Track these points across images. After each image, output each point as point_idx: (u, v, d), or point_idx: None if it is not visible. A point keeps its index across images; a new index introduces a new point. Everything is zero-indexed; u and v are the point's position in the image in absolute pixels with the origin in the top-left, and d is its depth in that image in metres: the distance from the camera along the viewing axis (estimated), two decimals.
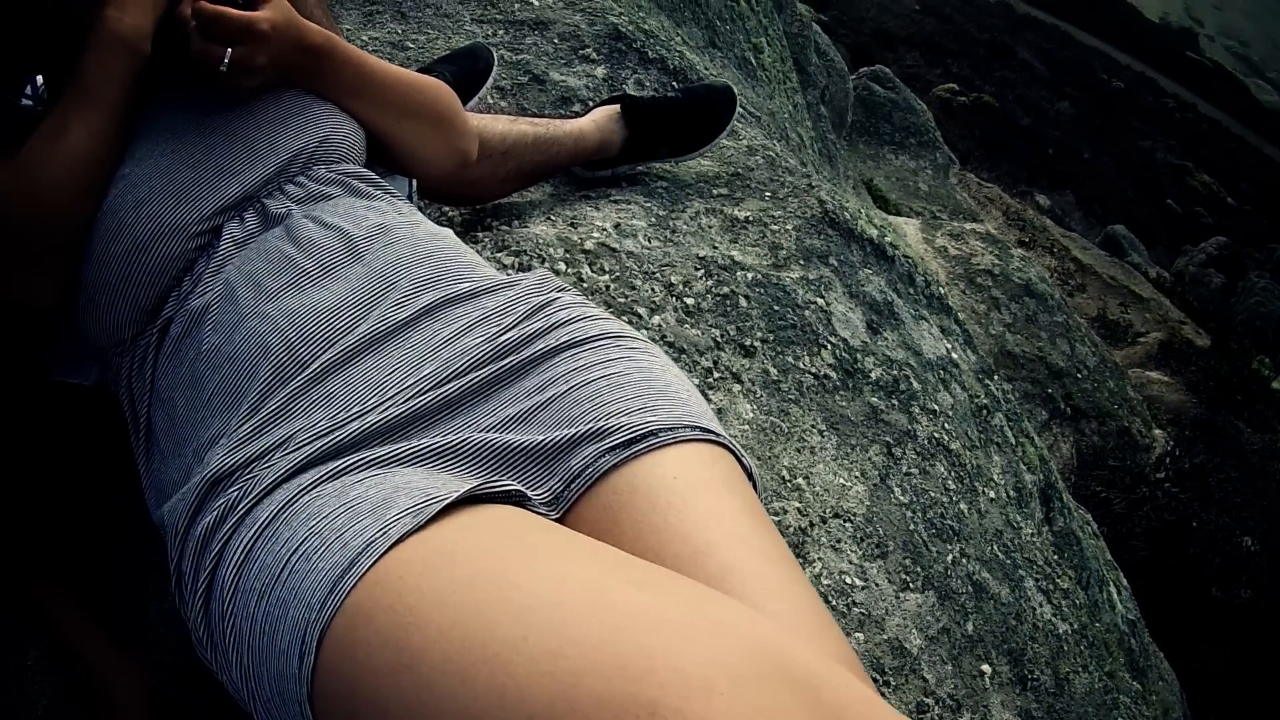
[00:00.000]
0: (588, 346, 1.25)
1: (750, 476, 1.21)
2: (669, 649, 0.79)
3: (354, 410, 1.18)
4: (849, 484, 2.00)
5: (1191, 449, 8.01)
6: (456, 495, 0.97)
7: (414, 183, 1.89)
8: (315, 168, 1.56)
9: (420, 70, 2.52)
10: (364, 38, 2.85)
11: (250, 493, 1.11)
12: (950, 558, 2.13)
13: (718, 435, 1.16)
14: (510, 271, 1.90)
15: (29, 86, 2.16)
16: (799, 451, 1.98)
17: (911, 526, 2.06)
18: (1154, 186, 31.57)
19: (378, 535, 0.95)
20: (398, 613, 0.89)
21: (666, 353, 1.53)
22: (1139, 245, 16.19)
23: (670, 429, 1.13)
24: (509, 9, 3.11)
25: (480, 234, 2.12)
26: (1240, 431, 9.31)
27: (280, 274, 1.37)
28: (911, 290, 2.68)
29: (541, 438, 1.13)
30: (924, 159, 7.64)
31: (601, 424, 1.13)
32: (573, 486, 1.11)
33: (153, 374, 1.42)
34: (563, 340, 1.25)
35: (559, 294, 1.37)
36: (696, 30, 4.15)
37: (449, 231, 1.51)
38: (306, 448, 1.14)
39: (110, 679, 1.61)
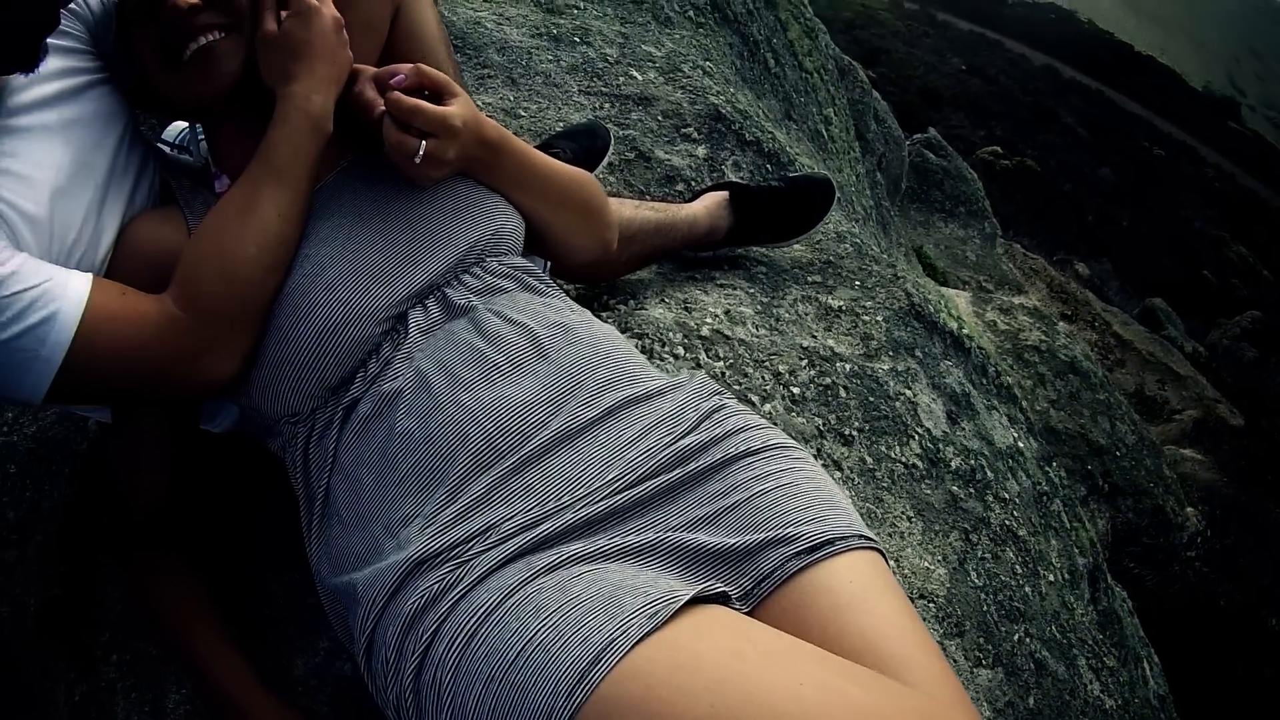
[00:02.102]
0: (761, 456, 1.40)
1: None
2: None
3: (551, 505, 1.31)
4: (933, 567, 2.15)
5: (1223, 528, 8.07)
6: (684, 599, 1.13)
7: (547, 263, 1.98)
8: (488, 260, 1.67)
9: (542, 144, 2.67)
10: (478, 102, 3.02)
11: (462, 579, 1.24)
12: (1016, 637, 2.27)
13: (874, 542, 1.33)
14: (669, 369, 2.06)
15: (180, 135, 2.26)
16: (890, 536, 2.13)
17: (984, 608, 2.20)
18: (1191, 257, 31.57)
19: (618, 634, 1.08)
20: (650, 705, 1.04)
21: None
22: (1175, 319, 16.28)
23: (843, 538, 1.29)
24: (614, 82, 3.26)
25: (602, 314, 2.28)
26: (1270, 512, 9.35)
27: (473, 365, 1.48)
28: (984, 381, 2.84)
29: (732, 541, 1.29)
30: (972, 228, 7.74)
31: (784, 531, 1.29)
32: (763, 585, 1.26)
33: (336, 448, 1.52)
34: (740, 449, 1.40)
35: (721, 399, 1.52)
36: (775, 103, 4.31)
37: (615, 330, 1.66)
38: (514, 539, 1.27)
39: None
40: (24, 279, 1.39)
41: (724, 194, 2.54)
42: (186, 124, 2.17)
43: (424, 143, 1.56)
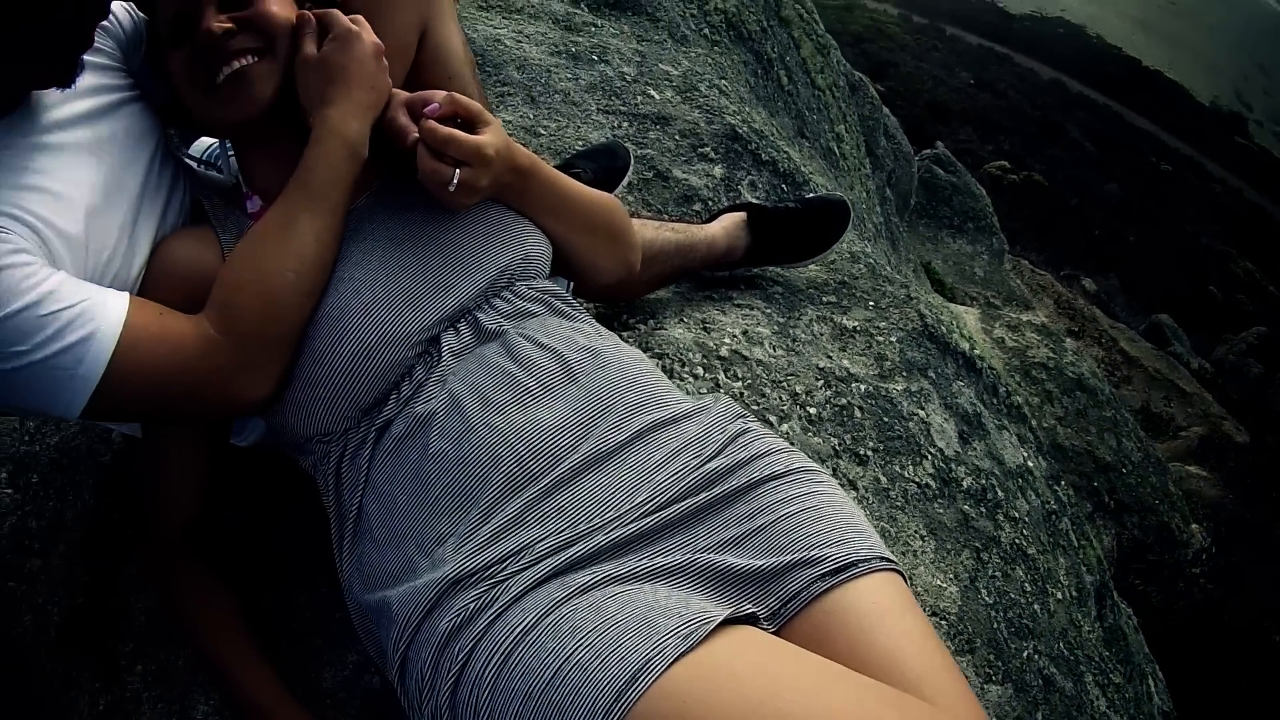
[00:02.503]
0: (786, 480, 1.45)
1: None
2: None
3: (583, 527, 1.36)
4: (945, 585, 2.19)
5: (1228, 545, 8.09)
6: (718, 620, 1.17)
7: (570, 284, 2.01)
8: (518, 284, 1.71)
9: (562, 164, 2.70)
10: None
11: (498, 598, 1.28)
12: (1025, 654, 2.31)
13: (895, 563, 1.38)
14: (689, 389, 2.11)
15: (208, 151, 2.24)
16: (904, 555, 2.17)
17: (995, 625, 2.24)
18: (1197, 272, 31.58)
19: (654, 653, 1.13)
20: None
21: None
22: (1182, 335, 16.30)
23: (866, 560, 1.34)
24: (633, 101, 3.31)
25: (623, 333, 2.32)
26: (1275, 529, 9.37)
27: (505, 389, 1.52)
28: (995, 400, 2.88)
29: (760, 563, 1.33)
30: (980, 244, 7.77)
31: (810, 553, 1.33)
32: (789, 606, 1.31)
33: (369, 467, 1.55)
34: (765, 473, 1.45)
35: (746, 423, 1.57)
36: (788, 120, 4.36)
37: (641, 354, 1.70)
38: (548, 560, 1.32)
39: None
40: (62, 298, 1.41)
41: (741, 215, 2.58)
42: (213, 140, 2.18)
43: (458, 171, 1.58)
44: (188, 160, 2.06)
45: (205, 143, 2.23)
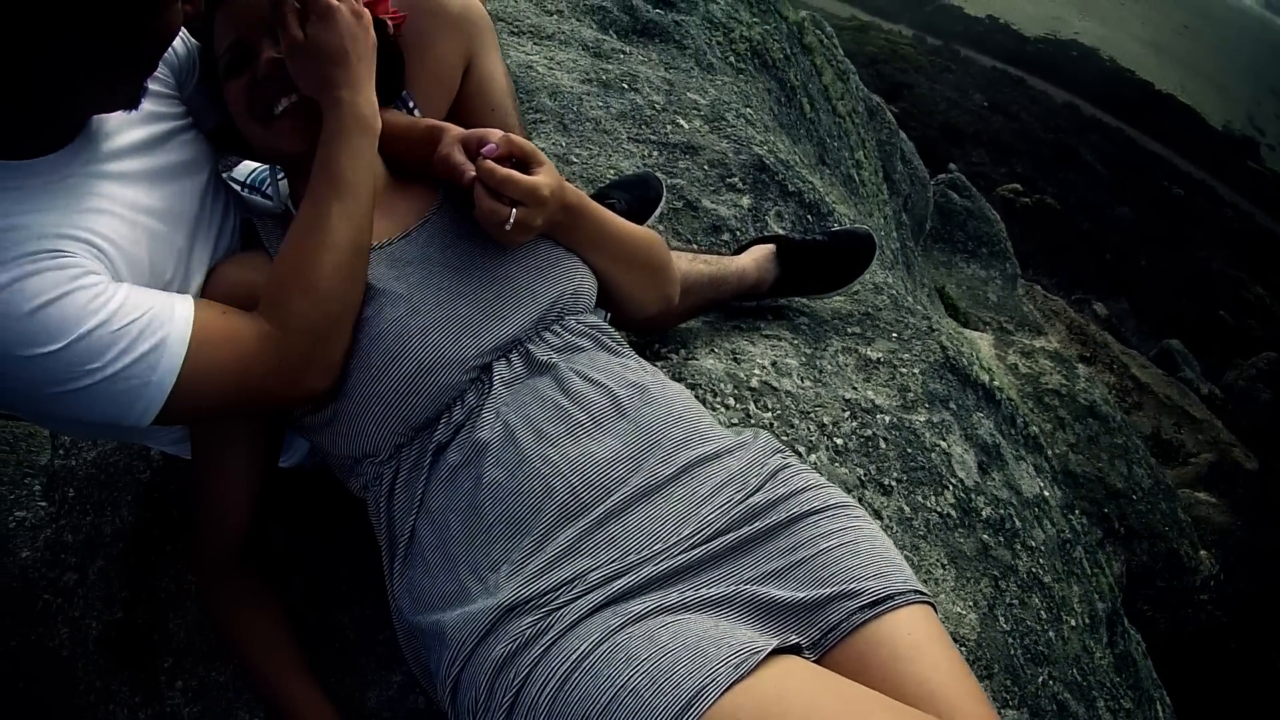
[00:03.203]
0: (824, 515, 1.51)
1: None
2: None
3: (633, 558, 1.42)
4: (964, 613, 2.25)
5: (1235, 572, 8.12)
6: (767, 650, 1.24)
7: (607, 314, 2.04)
8: (567, 318, 1.75)
9: (597, 194, 2.75)
10: None
11: (553, 625, 1.34)
12: (1040, 679, 2.37)
13: (927, 596, 1.45)
14: (721, 418, 2.17)
15: (252, 175, 2.25)
16: (926, 583, 2.23)
17: (1012, 652, 2.30)
18: (1208, 297, 31.56)
19: (707, 681, 1.19)
20: None
21: None
22: (1192, 360, 16.30)
23: (902, 593, 1.41)
24: (662, 131, 3.37)
25: (656, 363, 2.37)
26: None
27: (558, 422, 1.57)
28: (1012, 431, 2.94)
29: (802, 595, 1.40)
30: (994, 269, 7.80)
31: (849, 586, 1.40)
32: (829, 636, 1.37)
33: (423, 492, 1.59)
34: (805, 508, 1.51)
35: (784, 459, 1.63)
36: (810, 147, 4.41)
37: (684, 389, 1.76)
38: (600, 589, 1.38)
39: None
40: (131, 310, 1.43)
41: (771, 247, 2.64)
42: (256, 164, 2.21)
43: (514, 211, 1.61)
44: (231, 183, 2.08)
45: (249, 167, 2.25)
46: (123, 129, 1.60)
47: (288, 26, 1.63)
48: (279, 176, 1.93)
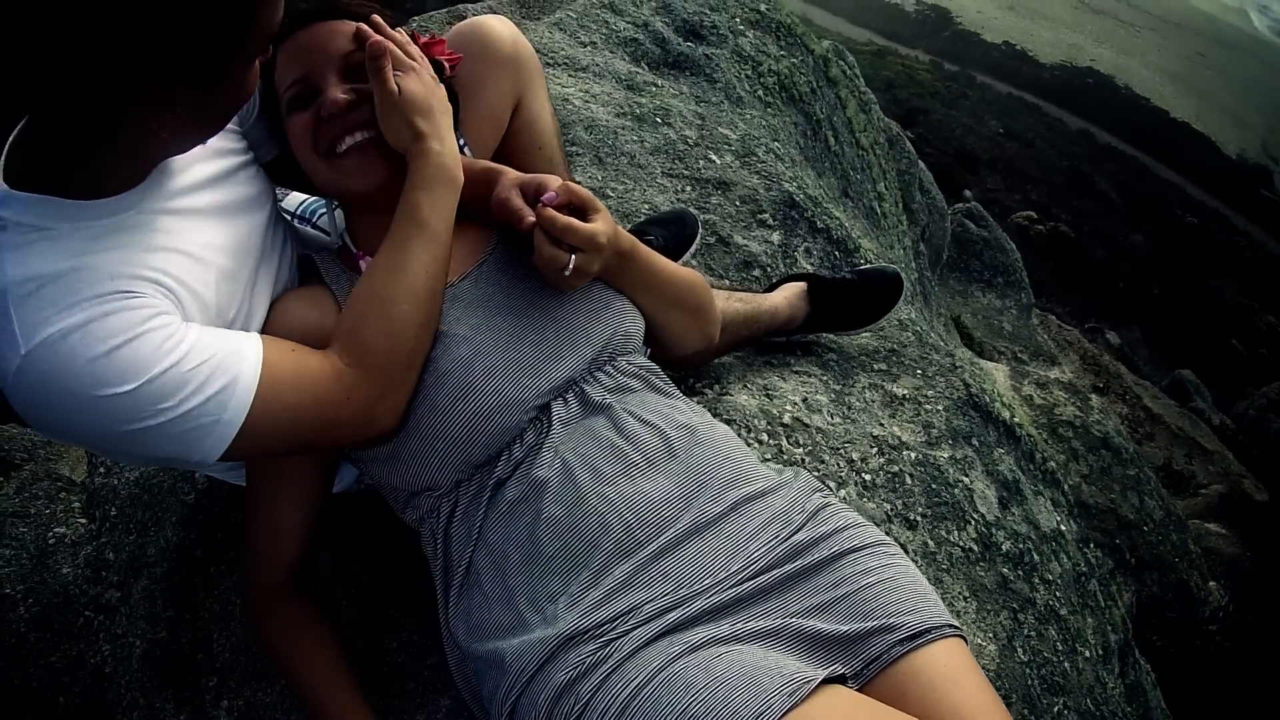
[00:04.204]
0: (864, 553, 1.60)
1: None
2: None
3: (684, 592, 1.50)
4: (984, 644, 2.33)
5: (1244, 603, 8.15)
6: (818, 680, 1.33)
7: (648, 351, 2.08)
8: (619, 359, 1.82)
9: (635, 229, 2.82)
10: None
11: (611, 655, 1.42)
12: (1056, 709, 2.45)
13: (960, 629, 1.54)
14: (755, 452, 2.24)
15: (305, 207, 2.26)
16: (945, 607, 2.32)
17: (1029, 682, 2.38)
18: (1219, 326, 31.52)
19: (764, 709, 1.27)
20: None
21: None
22: (1204, 390, 16.34)
23: (937, 627, 1.50)
24: (695, 166, 3.44)
25: (693, 398, 2.44)
26: None
27: (613, 461, 1.65)
28: (1031, 466, 3.02)
29: (845, 628, 1.49)
30: (1009, 298, 7.85)
31: (888, 620, 1.50)
32: (870, 667, 1.46)
33: (482, 526, 1.65)
34: (845, 546, 1.60)
35: (824, 498, 1.72)
36: (834, 180, 4.49)
37: (728, 429, 1.84)
38: (655, 621, 1.46)
39: None
40: (201, 351, 1.46)
41: (801, 285, 2.72)
42: (306, 195, 2.24)
43: (573, 257, 1.68)
44: (285, 216, 2.10)
45: (299, 197, 2.28)
46: (190, 165, 1.64)
47: (384, 80, 1.69)
48: (334, 208, 1.97)
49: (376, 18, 1.79)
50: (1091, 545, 3.21)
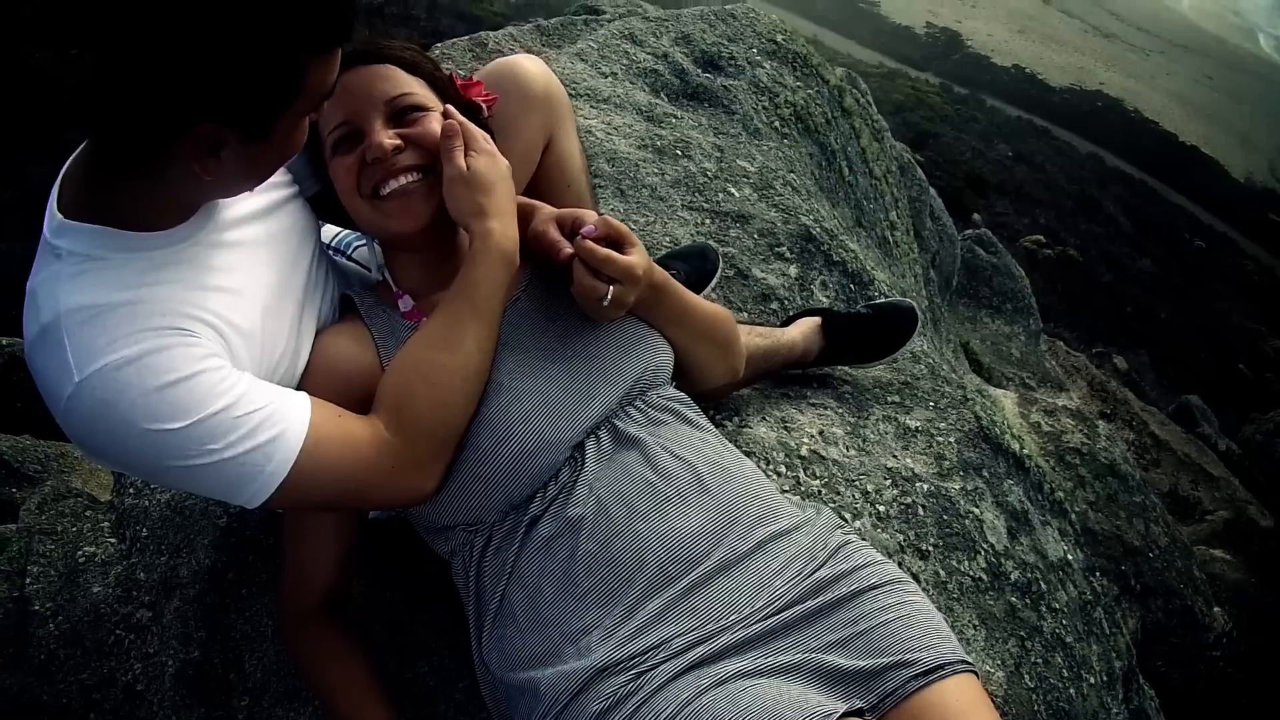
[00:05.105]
0: (882, 590, 1.69)
1: None
2: None
3: (712, 626, 1.58)
4: (993, 670, 2.41)
5: (1248, 629, 8.17)
6: (838, 714, 1.41)
7: (674, 383, 2.08)
8: (650, 392, 1.89)
9: (658, 262, 2.91)
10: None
11: (643, 687, 1.51)
12: None
13: (973, 665, 1.63)
14: (773, 481, 2.32)
15: (340, 240, 2.29)
16: (958, 642, 2.40)
17: (1036, 708, 2.46)
18: (1227, 350, 31.44)
19: None
20: None
21: None
22: (1211, 415, 16.32)
23: (951, 663, 1.59)
24: (714, 199, 3.52)
25: None
26: None
27: (647, 497, 1.72)
28: (1039, 497, 3.10)
29: (863, 663, 1.57)
30: (1018, 324, 7.88)
31: (904, 656, 1.58)
32: (887, 701, 1.55)
33: (515, 560, 1.72)
34: (865, 584, 1.69)
35: (845, 535, 1.80)
36: (848, 210, 4.55)
37: (754, 466, 1.91)
38: (684, 654, 1.54)
39: None
40: (253, 400, 1.51)
41: (817, 320, 2.80)
42: (342, 228, 2.26)
43: (611, 288, 1.75)
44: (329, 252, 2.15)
45: (333, 230, 2.30)
46: (238, 199, 1.68)
47: (454, 160, 1.75)
48: (374, 242, 2.02)
49: (450, 107, 1.84)
50: (1097, 573, 3.28)
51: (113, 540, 2.91)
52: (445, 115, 1.82)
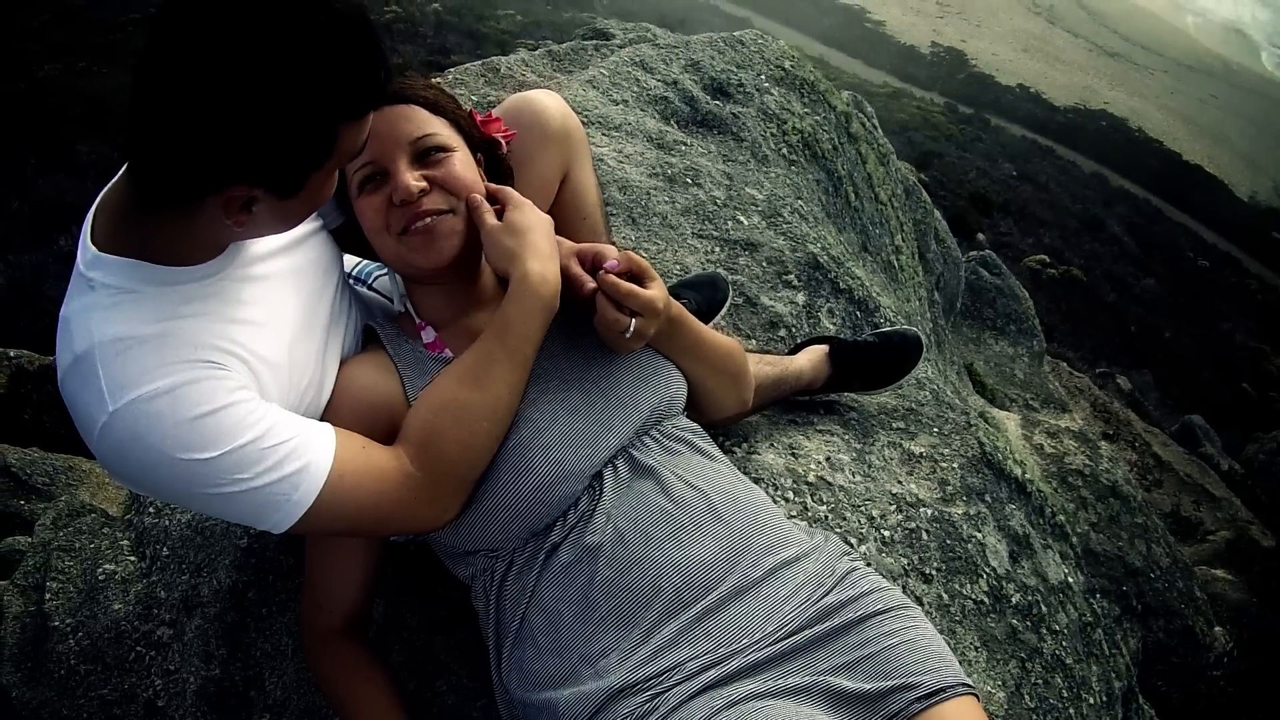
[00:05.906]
0: (888, 616, 1.75)
1: None
2: None
3: (724, 651, 1.65)
4: (994, 691, 2.47)
5: (1249, 648, 8.21)
6: None
7: (685, 411, 2.11)
8: (665, 422, 1.95)
9: (669, 290, 2.98)
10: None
11: (659, 707, 1.58)
12: None
13: (973, 688, 1.69)
14: (781, 507, 2.38)
15: (360, 269, 2.31)
16: (960, 664, 2.44)
17: None
18: (1230, 369, 31.40)
19: None
20: None
21: None
22: (1213, 435, 16.34)
23: (952, 686, 1.65)
24: (723, 227, 3.57)
25: None
26: None
27: (662, 525, 1.77)
28: (1041, 521, 3.16)
29: (868, 686, 1.64)
30: (1022, 345, 7.91)
31: (908, 679, 1.65)
32: None
33: (535, 585, 1.77)
34: (871, 609, 1.75)
35: (851, 562, 1.87)
36: (854, 235, 4.60)
37: (765, 495, 1.98)
38: (698, 677, 1.61)
39: None
40: (280, 432, 1.54)
41: (824, 348, 2.86)
42: (362, 259, 2.29)
43: (633, 321, 1.80)
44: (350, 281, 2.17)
45: (354, 260, 2.32)
46: None
47: (483, 220, 1.82)
48: (395, 272, 2.05)
49: (473, 195, 1.88)
50: (1098, 595, 3.34)
51: (133, 558, 2.93)
52: (469, 204, 1.87)
